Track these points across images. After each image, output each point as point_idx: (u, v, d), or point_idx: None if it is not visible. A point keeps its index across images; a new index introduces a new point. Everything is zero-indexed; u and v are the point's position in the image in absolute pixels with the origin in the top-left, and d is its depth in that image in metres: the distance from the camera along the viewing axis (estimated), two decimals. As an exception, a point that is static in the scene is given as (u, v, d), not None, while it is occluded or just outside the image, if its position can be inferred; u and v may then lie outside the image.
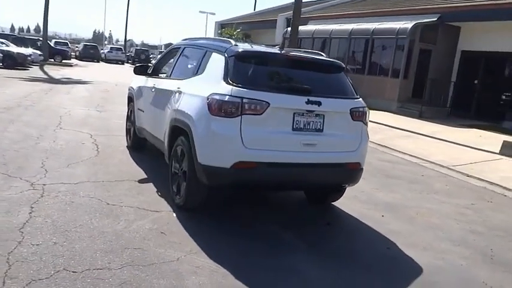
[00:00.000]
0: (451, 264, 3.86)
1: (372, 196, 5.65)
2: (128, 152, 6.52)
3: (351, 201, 5.19)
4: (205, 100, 3.96)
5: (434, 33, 16.58)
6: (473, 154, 9.37)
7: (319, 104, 3.99)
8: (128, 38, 54.99)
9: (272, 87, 4.00)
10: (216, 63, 4.25)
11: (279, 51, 4.63)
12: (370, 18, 18.70)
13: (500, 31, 15.19)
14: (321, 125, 4.06)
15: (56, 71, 21.83)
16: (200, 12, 70.13)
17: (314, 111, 4.00)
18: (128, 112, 6.95)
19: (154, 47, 60.77)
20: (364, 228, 4.53)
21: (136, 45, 64.03)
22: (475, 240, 4.52)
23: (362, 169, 4.42)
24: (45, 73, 20.58)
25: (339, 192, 4.85)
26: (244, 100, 3.76)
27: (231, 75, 3.96)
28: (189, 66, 4.99)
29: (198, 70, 4.57)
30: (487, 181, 7.22)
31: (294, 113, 3.95)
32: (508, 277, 3.76)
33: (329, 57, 4.76)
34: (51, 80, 17.27)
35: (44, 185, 4.64)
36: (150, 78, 5.91)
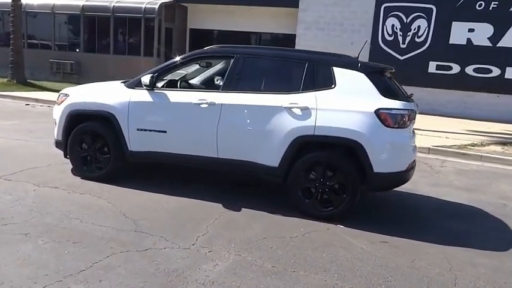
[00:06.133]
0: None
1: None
2: (113, 185, 5.17)
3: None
4: (371, 114, 4.33)
5: (173, 12, 17.82)
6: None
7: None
8: None
9: (403, 96, 4.76)
10: (353, 78, 4.50)
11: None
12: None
13: (224, 13, 18.09)
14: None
15: None
16: None
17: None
18: (75, 139, 5.32)
19: None
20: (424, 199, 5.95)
21: None
22: (481, 190, 6.49)
23: None
24: None
25: None
26: (409, 111, 4.47)
27: (383, 90, 4.47)
28: (282, 80, 4.80)
29: (313, 85, 4.54)
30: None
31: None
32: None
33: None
34: None
35: (202, 247, 3.77)
36: (174, 92, 4.96)
